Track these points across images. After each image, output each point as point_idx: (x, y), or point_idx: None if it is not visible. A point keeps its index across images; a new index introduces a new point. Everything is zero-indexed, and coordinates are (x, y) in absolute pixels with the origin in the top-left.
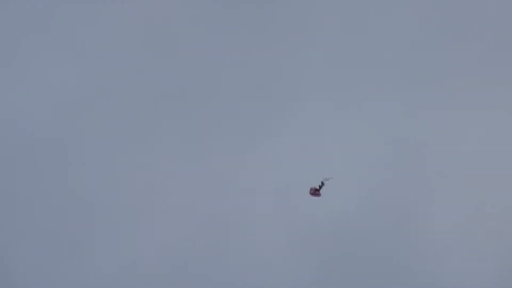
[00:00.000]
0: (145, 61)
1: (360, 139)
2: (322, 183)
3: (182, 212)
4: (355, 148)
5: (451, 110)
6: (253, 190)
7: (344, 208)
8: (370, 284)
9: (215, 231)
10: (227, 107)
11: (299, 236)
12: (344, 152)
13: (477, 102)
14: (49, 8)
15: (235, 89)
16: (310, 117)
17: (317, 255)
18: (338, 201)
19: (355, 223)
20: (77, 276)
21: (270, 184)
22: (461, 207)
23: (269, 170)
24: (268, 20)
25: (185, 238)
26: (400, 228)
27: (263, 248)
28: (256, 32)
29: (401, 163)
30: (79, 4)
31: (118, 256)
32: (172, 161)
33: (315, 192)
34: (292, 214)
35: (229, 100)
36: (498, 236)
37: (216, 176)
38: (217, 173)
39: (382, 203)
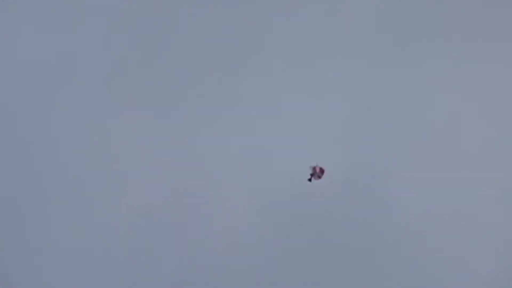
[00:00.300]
0: (110, 32)
1: (325, 107)
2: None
3: (148, 179)
4: (320, 116)
5: (418, 79)
6: (220, 157)
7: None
8: (335, 250)
9: (182, 197)
10: (193, 77)
11: (266, 202)
12: (309, 120)
13: (447, 70)
14: None
15: (201, 58)
16: (275, 85)
17: (284, 221)
18: (304, 168)
19: (321, 190)
20: (44, 242)
21: (237, 150)
22: (428, 179)
23: (236, 138)
24: None
25: (152, 205)
26: (366, 195)
27: (230, 214)
28: (223, 3)
29: (367, 131)
30: None
31: (87, 224)
32: (138, 129)
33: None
34: (259, 181)
35: (194, 69)
36: (464, 208)
37: (183, 145)
38: (184, 142)
39: (348, 170)
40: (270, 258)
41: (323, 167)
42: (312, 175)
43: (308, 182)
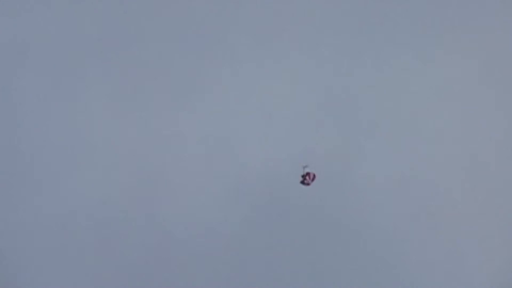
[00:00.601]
0: (75, 15)
1: (293, 91)
2: (304, 175)
3: (113, 162)
4: (288, 100)
5: (386, 63)
6: (186, 140)
7: (276, 158)
8: (300, 233)
9: (147, 179)
10: (160, 60)
11: (232, 186)
12: (276, 104)
13: (415, 54)
14: None
15: (167, 41)
16: (243, 69)
17: (248, 204)
18: (269, 152)
19: (289, 173)
20: (7, 222)
21: (203, 133)
22: (394, 162)
23: (202, 121)
24: None
25: (116, 188)
26: (332, 179)
27: (196, 197)
28: None
29: (336, 115)
30: None
31: (50, 204)
32: (104, 111)
33: (309, 178)
34: (226, 164)
35: (161, 52)
36: (431, 191)
37: (149, 129)
38: (150, 126)
39: (317, 154)
40: (237, 241)
41: (314, 173)
42: (303, 176)
43: (287, 176)
